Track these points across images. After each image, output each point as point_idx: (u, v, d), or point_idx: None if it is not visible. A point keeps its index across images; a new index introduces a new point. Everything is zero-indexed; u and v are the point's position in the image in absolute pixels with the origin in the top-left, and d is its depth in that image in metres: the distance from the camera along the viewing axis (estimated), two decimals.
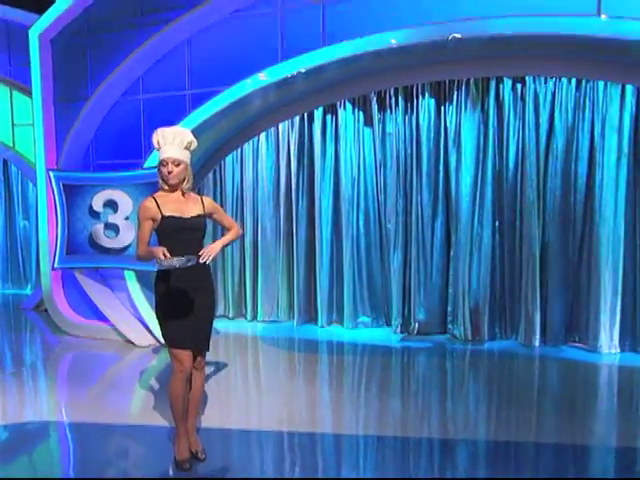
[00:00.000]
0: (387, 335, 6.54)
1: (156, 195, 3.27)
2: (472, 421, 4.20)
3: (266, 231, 7.13)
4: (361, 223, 6.74)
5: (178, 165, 3.21)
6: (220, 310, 7.38)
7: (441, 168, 6.32)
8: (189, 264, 2.93)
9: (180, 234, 3.19)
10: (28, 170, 7.52)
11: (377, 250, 6.79)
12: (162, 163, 3.22)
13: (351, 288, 6.80)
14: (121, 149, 6.16)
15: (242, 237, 6.34)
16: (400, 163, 6.42)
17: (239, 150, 7.06)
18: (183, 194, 3.28)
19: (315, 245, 6.90)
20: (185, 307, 3.21)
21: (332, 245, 6.84)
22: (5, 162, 9.69)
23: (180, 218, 3.20)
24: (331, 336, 6.47)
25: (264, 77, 5.33)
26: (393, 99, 6.45)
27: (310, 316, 7.12)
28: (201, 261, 3.09)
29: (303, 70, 5.20)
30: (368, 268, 6.80)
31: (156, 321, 3.39)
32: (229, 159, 7.21)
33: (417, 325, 6.48)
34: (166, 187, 3.25)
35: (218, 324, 6.16)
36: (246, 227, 7.10)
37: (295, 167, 6.95)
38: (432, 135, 6.31)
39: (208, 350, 3.48)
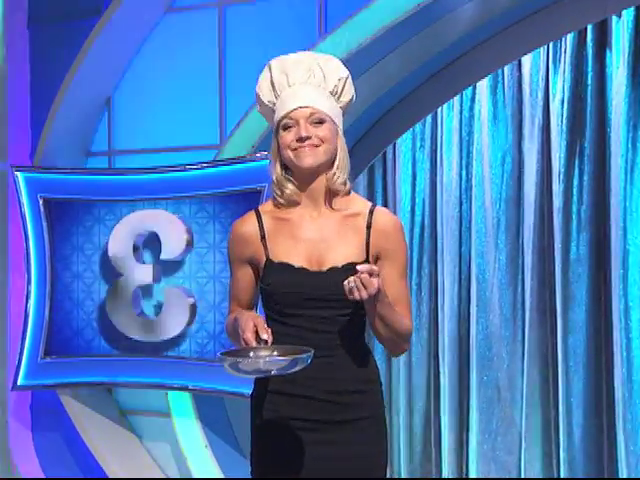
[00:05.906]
0: None
1: (264, 207, 2.09)
2: None
3: (491, 317, 4.79)
4: None
5: (320, 123, 1.95)
6: None
7: None
8: (295, 369, 1.84)
9: (307, 307, 1.97)
10: None
11: None
12: (283, 124, 1.97)
13: None
14: (173, 122, 4.18)
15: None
16: None
17: (426, 123, 4.88)
18: (330, 198, 1.98)
19: (611, 354, 4.41)
20: (308, 469, 2.10)
21: None
22: None
23: (306, 274, 1.98)
24: None
25: None
26: None
27: None
28: None
29: None
30: None
31: None
32: (404, 144, 4.95)
33: None
34: (289, 190, 1.98)
35: None
36: (444, 309, 4.95)
37: (562, 158, 4.45)
38: None
39: None
